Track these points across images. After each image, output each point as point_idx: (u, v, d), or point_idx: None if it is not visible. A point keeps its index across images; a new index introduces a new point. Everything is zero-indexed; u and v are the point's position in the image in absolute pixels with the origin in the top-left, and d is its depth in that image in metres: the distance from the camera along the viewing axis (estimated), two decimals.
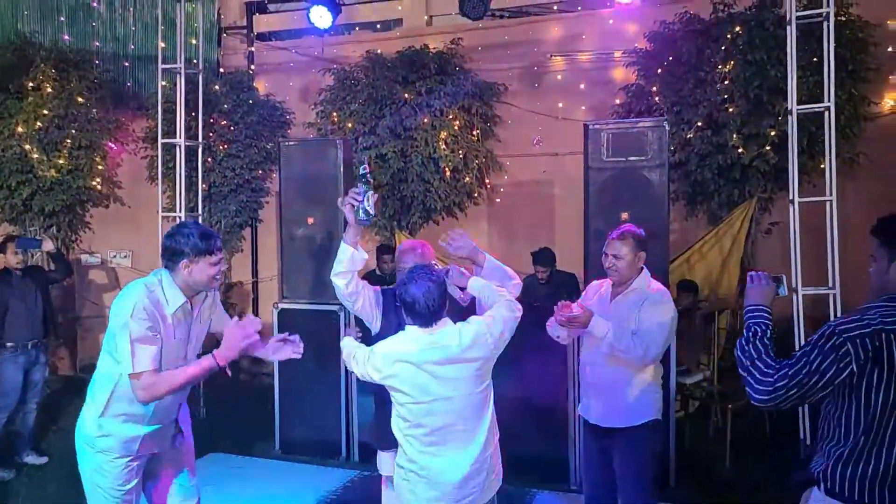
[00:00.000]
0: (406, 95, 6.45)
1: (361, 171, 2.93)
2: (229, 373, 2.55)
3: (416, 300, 2.44)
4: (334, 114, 6.72)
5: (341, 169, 5.01)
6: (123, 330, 2.44)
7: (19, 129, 6.50)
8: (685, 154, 5.80)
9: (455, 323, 2.56)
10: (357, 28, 7.91)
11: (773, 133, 5.50)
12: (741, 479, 4.53)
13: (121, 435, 2.61)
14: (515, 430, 4.50)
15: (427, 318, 2.47)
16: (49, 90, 6.60)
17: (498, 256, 3.17)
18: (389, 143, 6.40)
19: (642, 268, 3.15)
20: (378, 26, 7.84)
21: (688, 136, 5.74)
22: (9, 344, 4.83)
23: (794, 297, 4.50)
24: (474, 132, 6.65)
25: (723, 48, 5.67)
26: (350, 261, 2.91)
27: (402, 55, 6.65)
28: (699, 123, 5.70)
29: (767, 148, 5.55)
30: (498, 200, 6.99)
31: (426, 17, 7.61)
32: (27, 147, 6.52)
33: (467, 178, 6.61)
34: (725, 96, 5.62)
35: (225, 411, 5.83)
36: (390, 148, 6.39)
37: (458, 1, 5.32)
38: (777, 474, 4.37)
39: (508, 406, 4.53)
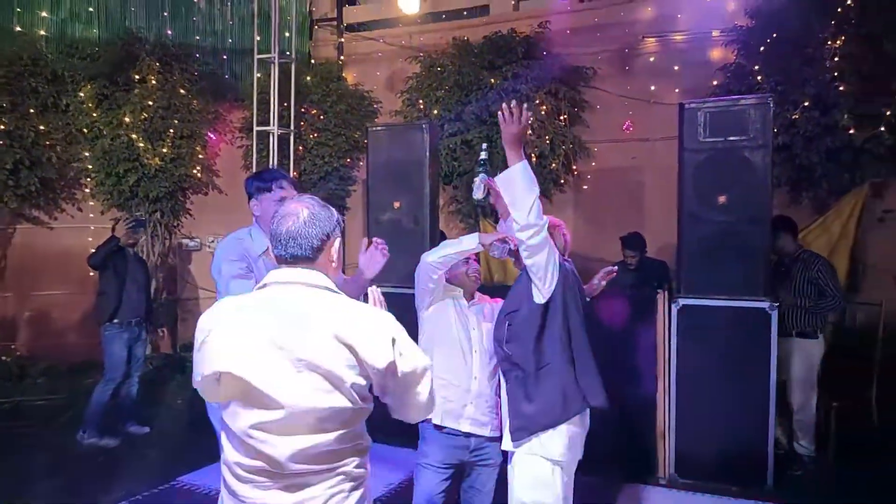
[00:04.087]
0: (492, 80, 6.40)
1: (482, 158, 2.94)
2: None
3: None
4: (420, 101, 6.76)
5: (427, 153, 5.01)
6: (220, 274, 2.62)
7: (126, 120, 6.90)
8: (789, 136, 5.44)
9: None
10: (444, 16, 7.91)
11: (888, 113, 5.08)
12: (845, 481, 4.22)
13: None
14: (599, 421, 4.43)
15: None
16: (153, 82, 6.96)
17: (584, 244, 3.11)
18: (475, 129, 6.36)
19: None
20: (465, 13, 7.80)
21: (793, 118, 5.38)
22: (115, 321, 5.13)
23: None
24: (561, 117, 6.51)
25: (832, 22, 5.28)
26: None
27: (489, 40, 6.59)
28: (806, 103, 5.33)
29: (882, 129, 5.14)
30: (585, 187, 6.82)
31: (513, 3, 7.51)
32: (133, 136, 6.91)
33: (553, 165, 6.48)
34: (835, 74, 5.24)
35: None
36: (476, 134, 6.36)
37: None
38: (884, 478, 4.06)
39: None
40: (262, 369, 1.63)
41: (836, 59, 5.24)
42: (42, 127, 6.88)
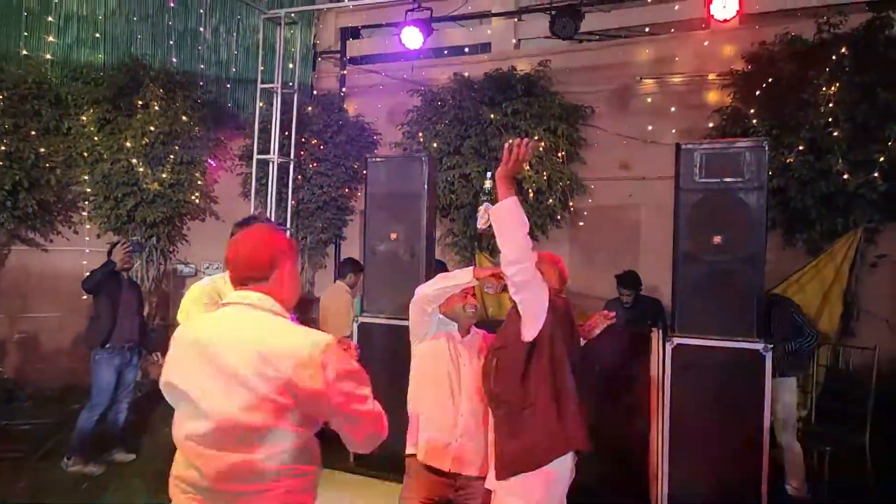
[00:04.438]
0: (491, 116, 6.47)
1: (487, 187, 2.97)
2: None
3: None
4: (420, 134, 6.83)
5: (425, 185, 5.04)
6: (187, 318, 2.63)
7: (128, 144, 6.95)
8: (784, 180, 5.51)
9: None
10: (445, 52, 8.04)
11: (881, 159, 5.15)
12: None
13: None
14: (592, 459, 4.39)
15: None
16: (156, 108, 7.03)
17: (579, 280, 3.12)
18: (473, 163, 6.42)
19: None
20: (466, 50, 7.93)
21: (787, 161, 5.46)
22: (107, 345, 5.09)
23: None
24: (559, 154, 6.57)
25: (827, 70, 5.39)
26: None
27: (489, 77, 6.69)
28: (801, 148, 5.42)
29: (876, 175, 5.20)
30: (581, 224, 6.86)
31: (514, 41, 7.64)
32: (134, 161, 6.95)
33: (550, 200, 6.53)
34: (830, 119, 5.32)
35: None
36: (474, 167, 6.41)
37: (549, 22, 5.30)
38: None
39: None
40: (195, 381, 1.74)
41: (830, 105, 5.33)
42: (42, 149, 6.93)
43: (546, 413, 2.64)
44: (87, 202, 7.26)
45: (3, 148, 6.57)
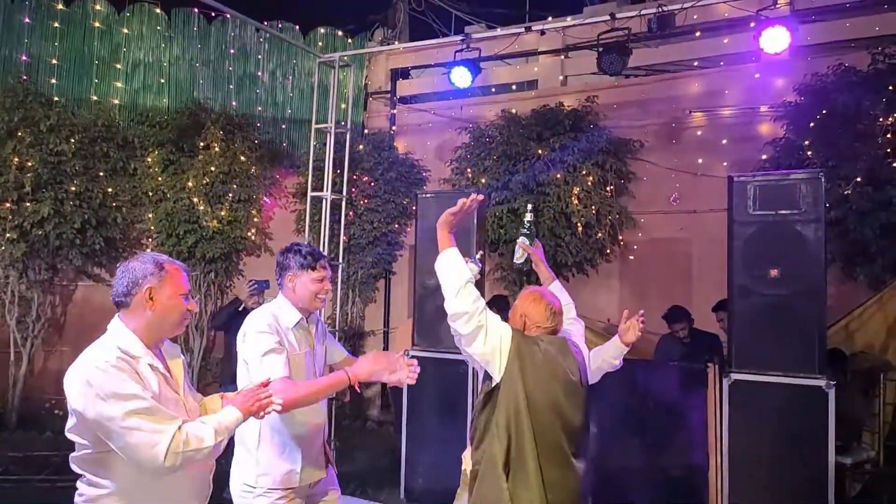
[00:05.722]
0: (539, 151, 6.54)
1: (528, 220, 3.00)
2: (359, 389, 2.59)
3: None
4: (468, 170, 6.93)
5: (475, 220, 5.10)
6: (251, 347, 2.58)
7: (189, 184, 7.26)
8: (842, 212, 5.38)
9: None
10: (493, 90, 8.18)
11: None
12: None
13: (280, 467, 2.64)
14: (648, 498, 4.29)
15: None
16: (216, 149, 7.34)
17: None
18: (521, 198, 6.47)
19: None
20: (514, 87, 8.06)
21: (845, 193, 5.34)
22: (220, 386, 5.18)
23: None
24: (608, 188, 6.58)
25: (884, 99, 5.29)
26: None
27: (537, 113, 6.78)
28: (858, 179, 5.30)
29: None
30: (631, 258, 6.81)
31: (561, 78, 7.73)
32: (195, 199, 7.25)
33: (599, 234, 6.52)
34: (888, 150, 5.21)
35: (352, 457, 5.95)
36: (522, 202, 6.46)
37: (596, 58, 5.36)
38: None
39: (641, 471, 4.35)
40: None
41: (887, 135, 5.23)
42: (110, 189, 7.28)
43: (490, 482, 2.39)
44: (150, 239, 7.57)
45: (73, 188, 6.94)
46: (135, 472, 1.95)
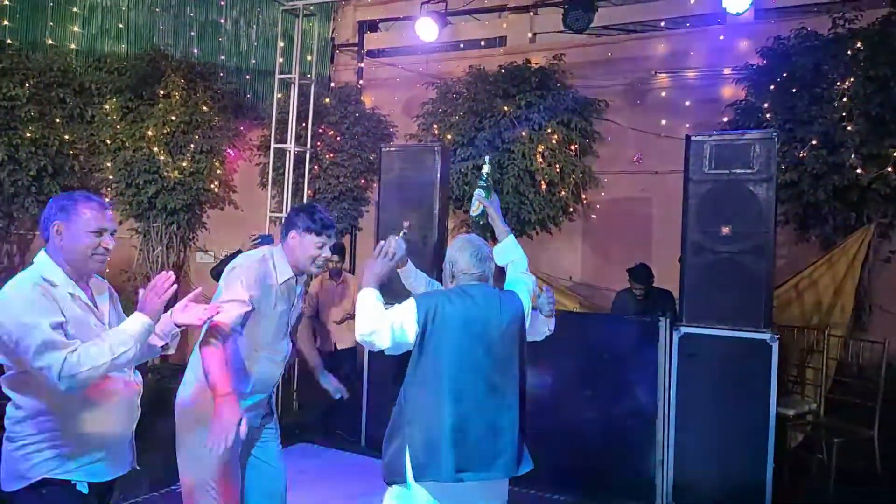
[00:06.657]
0: (506, 108, 6.53)
1: (485, 171, 3.02)
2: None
3: None
4: (435, 126, 6.90)
5: (438, 176, 5.13)
6: (232, 282, 2.62)
7: (149, 133, 7.11)
8: (797, 174, 5.51)
9: None
10: (462, 46, 8.10)
11: (895, 153, 5.15)
12: None
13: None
14: (599, 445, 4.45)
15: None
16: (177, 98, 7.18)
17: (591, 272, 3.06)
18: (487, 155, 6.47)
19: None
20: (482, 44, 7.99)
21: (801, 155, 5.46)
22: None
23: None
24: (572, 147, 6.62)
25: (842, 64, 5.39)
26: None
27: (504, 70, 6.75)
28: (814, 142, 5.41)
29: (889, 169, 5.20)
30: (594, 217, 6.90)
31: (530, 35, 7.69)
32: (155, 149, 7.11)
33: (563, 193, 6.58)
34: (844, 114, 5.32)
35: (316, 406, 6.01)
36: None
37: (562, 14, 5.35)
38: None
39: (593, 420, 4.50)
40: None
41: (844, 99, 5.33)
42: (67, 137, 7.10)
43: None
44: (109, 189, 7.43)
45: (28, 135, 6.75)
46: (53, 394, 2.01)
